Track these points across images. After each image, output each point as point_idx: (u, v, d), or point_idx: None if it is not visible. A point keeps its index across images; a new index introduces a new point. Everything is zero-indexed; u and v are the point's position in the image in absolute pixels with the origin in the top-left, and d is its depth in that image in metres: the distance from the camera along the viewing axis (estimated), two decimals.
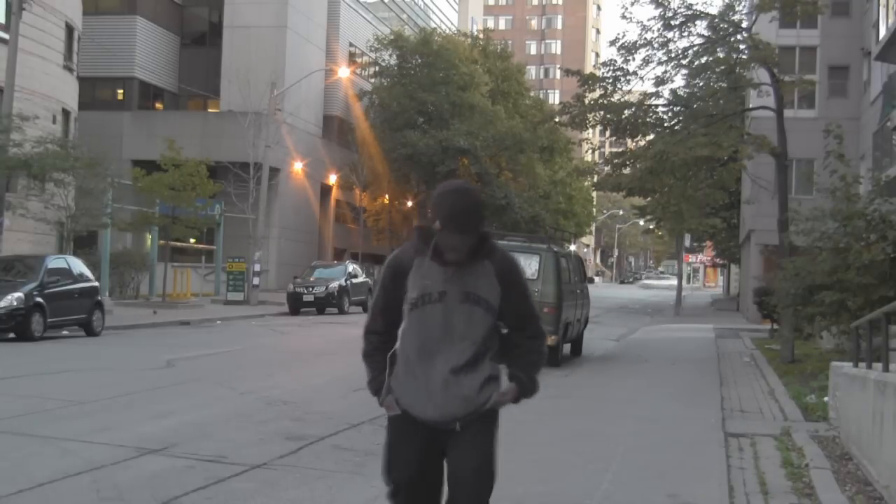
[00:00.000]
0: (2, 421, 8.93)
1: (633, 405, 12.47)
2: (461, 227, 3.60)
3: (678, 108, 25.38)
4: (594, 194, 71.09)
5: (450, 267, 3.71)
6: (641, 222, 69.02)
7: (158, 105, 47.67)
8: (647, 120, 23.76)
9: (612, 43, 23.15)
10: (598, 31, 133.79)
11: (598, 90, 23.10)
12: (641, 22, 56.56)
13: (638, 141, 25.94)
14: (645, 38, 22.22)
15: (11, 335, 18.02)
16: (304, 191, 47.22)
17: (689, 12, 21.88)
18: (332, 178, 49.81)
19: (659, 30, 22.05)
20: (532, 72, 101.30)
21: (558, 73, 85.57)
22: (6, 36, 25.88)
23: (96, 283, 21.64)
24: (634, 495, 7.16)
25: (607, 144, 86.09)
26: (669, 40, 22.20)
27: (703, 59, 23.30)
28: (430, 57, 49.55)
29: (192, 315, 27.23)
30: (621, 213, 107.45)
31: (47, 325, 18.73)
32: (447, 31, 63.30)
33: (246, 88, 38.36)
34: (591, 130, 31.65)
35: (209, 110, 47.15)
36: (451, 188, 3.69)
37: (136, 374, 13.30)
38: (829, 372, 11.54)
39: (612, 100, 23.14)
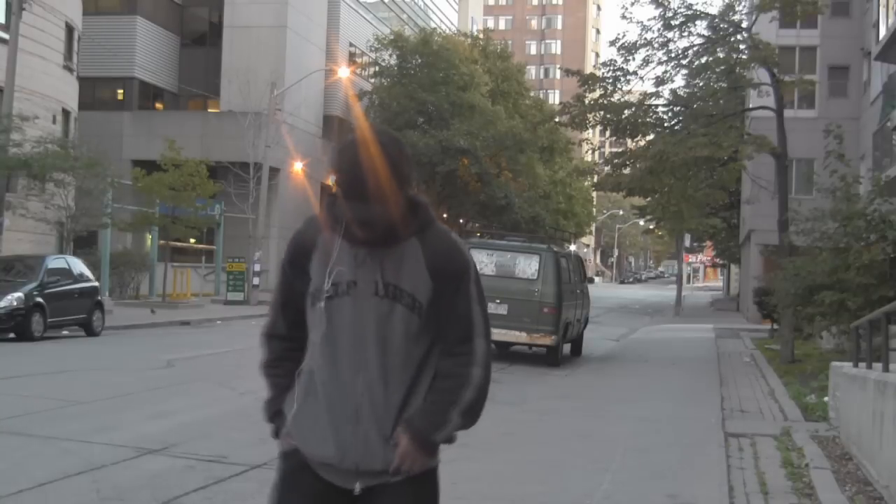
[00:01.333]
0: (2, 421, 8.93)
1: (633, 405, 12.47)
2: (361, 192, 2.55)
3: (678, 108, 25.39)
4: (594, 194, 71.03)
5: (363, 248, 2.70)
6: (641, 222, 69.01)
7: (158, 105, 47.65)
8: (647, 120, 23.77)
9: (612, 43, 23.17)
10: (598, 31, 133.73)
11: (598, 90, 23.11)
12: (641, 22, 56.55)
13: (638, 141, 25.94)
14: (645, 38, 22.25)
15: (11, 335, 18.01)
16: (304, 191, 47.19)
17: (689, 12, 21.89)
18: (332, 179, 49.78)
19: (659, 30, 22.08)
20: (532, 72, 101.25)
21: (558, 73, 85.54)
22: (6, 36, 25.87)
23: (96, 283, 21.64)
24: (634, 495, 7.16)
25: (607, 144, 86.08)
26: (669, 40, 22.23)
27: (703, 59, 23.31)
28: (430, 57, 49.52)
29: (192, 315, 27.22)
30: (621, 213, 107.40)
31: (47, 325, 18.72)
32: (447, 31, 63.28)
33: (246, 88, 38.34)
34: (591, 130, 31.65)
35: (209, 110, 47.11)
36: (352, 139, 2.63)
37: (136, 374, 13.30)
38: (829, 372, 11.54)
39: (612, 100, 23.15)
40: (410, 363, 2.73)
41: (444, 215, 55.73)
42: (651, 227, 54.58)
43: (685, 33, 22.26)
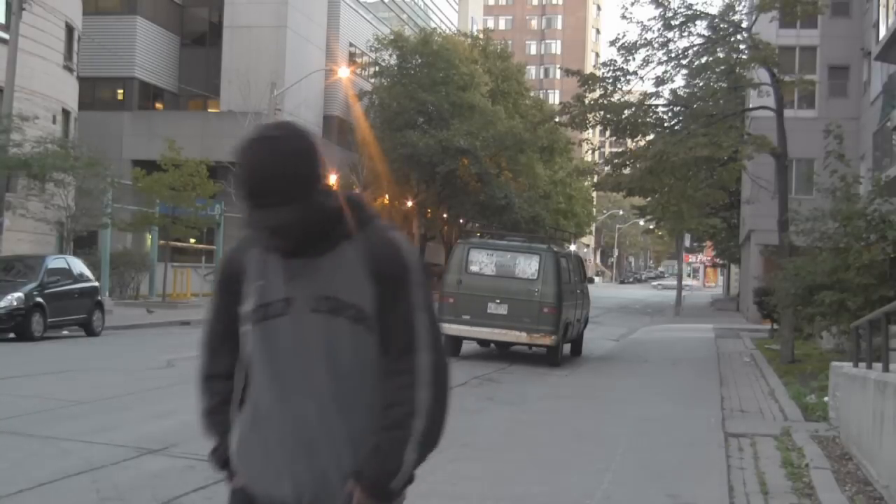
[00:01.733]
0: (2, 421, 8.93)
1: (633, 405, 12.47)
2: (259, 196, 2.24)
3: (678, 108, 25.40)
4: (594, 194, 71.07)
5: (295, 259, 2.40)
6: (641, 222, 69.02)
7: (158, 105, 47.64)
8: (647, 120, 23.78)
9: (612, 43, 23.18)
10: (598, 31, 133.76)
11: (598, 90, 23.12)
12: (641, 22, 56.59)
13: (638, 141, 25.95)
14: (645, 39, 22.26)
15: (11, 335, 18.01)
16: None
17: (690, 12, 21.90)
18: (332, 178, 49.78)
19: (659, 30, 22.09)
20: (532, 72, 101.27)
21: (558, 73, 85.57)
22: (6, 36, 25.88)
23: (96, 283, 21.64)
24: (634, 495, 7.16)
25: (607, 144, 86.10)
26: (669, 40, 22.23)
27: (703, 59, 23.32)
28: (430, 57, 49.52)
29: (192, 315, 27.22)
30: (621, 213, 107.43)
31: (47, 325, 18.72)
32: (447, 31, 63.27)
33: (246, 88, 38.34)
34: (591, 130, 31.65)
35: (209, 110, 47.10)
36: (250, 136, 2.33)
37: (137, 374, 13.29)
38: (829, 372, 11.54)
39: (612, 100, 23.15)
40: (369, 384, 2.40)
41: (445, 215, 55.80)
42: (651, 227, 54.61)
43: (685, 33, 22.28)
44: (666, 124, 25.27)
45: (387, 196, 50.85)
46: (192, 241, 39.59)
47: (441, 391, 2.40)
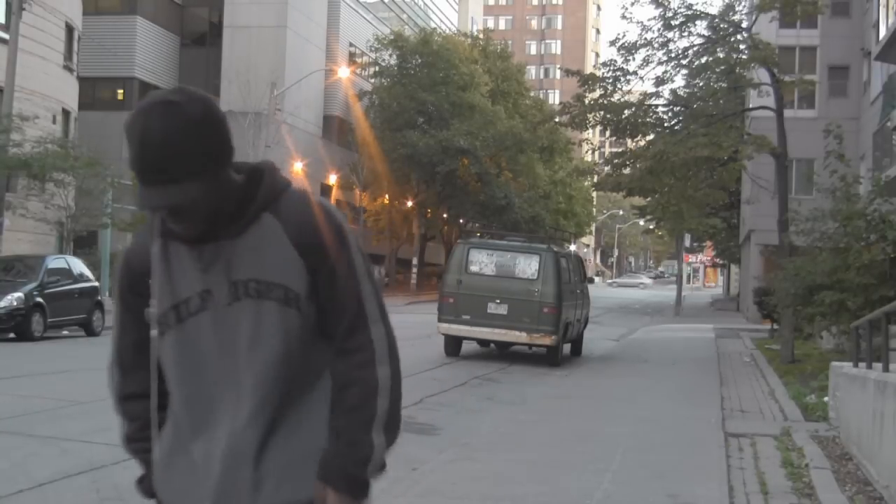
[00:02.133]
0: (2, 421, 8.93)
1: (633, 405, 12.47)
2: (153, 172, 1.92)
3: (678, 108, 25.41)
4: (594, 194, 71.08)
5: (204, 245, 2.08)
6: (641, 222, 69.02)
7: None
8: (647, 120, 23.80)
9: (612, 43, 23.19)
10: (598, 31, 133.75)
11: (598, 90, 23.13)
12: (641, 22, 56.62)
13: (638, 141, 25.96)
14: (645, 39, 22.27)
15: (11, 335, 18.02)
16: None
17: (689, 12, 21.91)
18: (332, 178, 49.83)
19: (659, 30, 22.10)
20: (532, 72, 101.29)
21: (558, 73, 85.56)
22: (6, 36, 25.88)
23: (96, 283, 21.64)
24: (634, 495, 7.16)
25: (607, 144, 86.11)
26: (669, 40, 22.24)
27: (703, 59, 23.34)
28: (430, 57, 49.54)
29: None
30: (621, 213, 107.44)
31: (47, 325, 18.72)
32: (447, 31, 63.29)
33: (246, 88, 38.36)
34: (591, 130, 31.66)
35: None
36: (143, 103, 1.97)
37: None
38: (829, 372, 11.54)
39: (612, 100, 23.17)
40: (306, 375, 2.12)
41: (445, 215, 55.82)
42: (651, 227, 54.61)
43: (685, 33, 22.29)
44: (666, 124, 25.29)
45: (387, 196, 50.87)
46: None
47: (396, 365, 2.18)
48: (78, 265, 21.11)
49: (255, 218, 2.10)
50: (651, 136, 24.92)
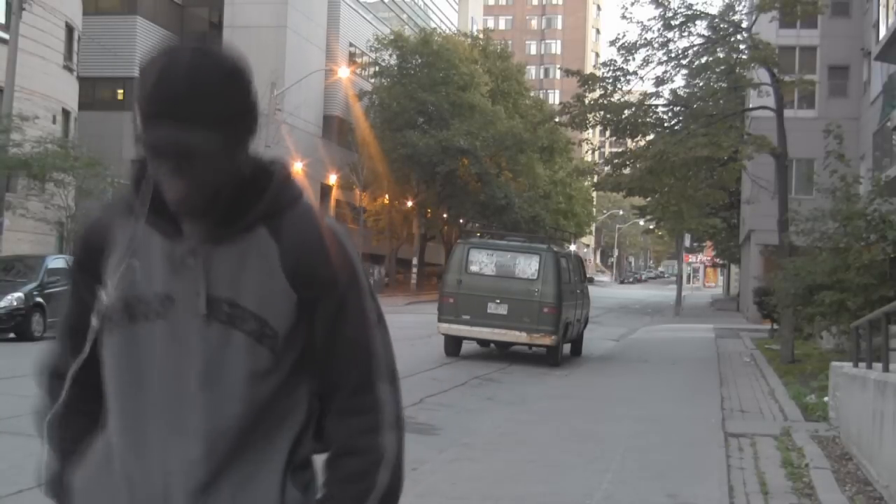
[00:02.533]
0: (2, 421, 8.94)
1: (633, 405, 12.47)
2: (173, 103, 1.59)
3: (678, 108, 25.40)
4: (594, 194, 71.08)
5: (183, 240, 1.74)
6: (641, 222, 69.04)
7: None
8: (647, 120, 23.80)
9: (612, 43, 23.20)
10: (598, 31, 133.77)
11: (598, 90, 23.14)
12: (641, 22, 56.63)
13: (638, 141, 25.96)
14: (645, 39, 22.29)
15: (11, 335, 18.01)
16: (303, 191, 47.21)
17: (689, 12, 21.92)
18: (332, 178, 49.84)
19: (659, 30, 22.11)
20: (532, 72, 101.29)
21: (558, 73, 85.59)
22: (6, 36, 25.89)
23: None
24: (634, 495, 7.16)
25: (607, 144, 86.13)
26: (669, 40, 22.26)
27: (703, 59, 23.33)
28: (430, 57, 49.56)
29: None
30: (621, 213, 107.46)
31: (47, 325, 18.71)
32: (447, 31, 63.29)
33: None
34: (591, 130, 31.67)
35: None
36: (165, 45, 1.66)
37: None
38: (829, 372, 11.55)
39: (612, 100, 23.17)
40: (265, 423, 1.75)
41: (445, 215, 55.81)
42: (651, 227, 54.62)
43: (685, 33, 22.30)
44: (666, 124, 25.27)
45: (387, 196, 50.88)
46: None
47: (403, 432, 1.90)
48: None
49: (249, 228, 1.74)
50: (651, 136, 24.92)
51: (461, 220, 54.72)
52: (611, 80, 23.05)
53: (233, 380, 1.73)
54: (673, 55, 22.61)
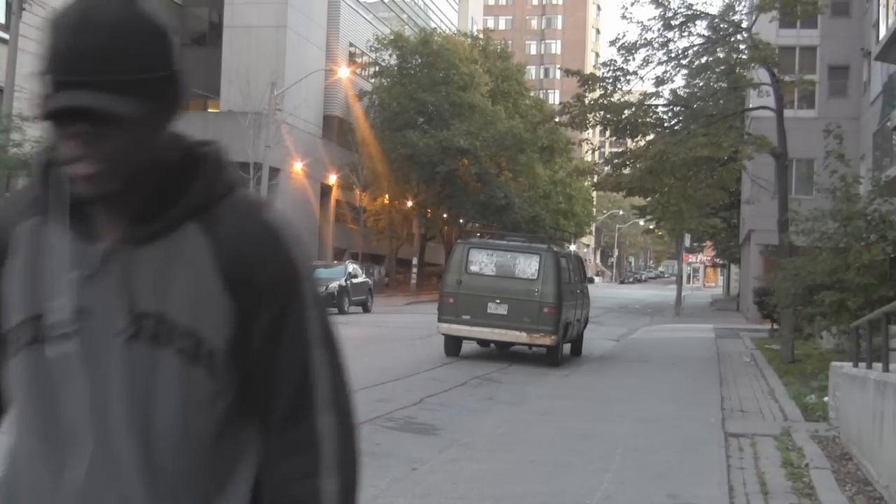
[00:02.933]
0: None
1: (633, 405, 12.47)
2: (72, 64, 1.36)
3: (678, 108, 25.41)
4: (594, 194, 71.11)
5: (99, 242, 1.46)
6: (641, 222, 69.03)
7: None
8: (647, 120, 23.81)
9: (612, 43, 23.20)
10: (598, 31, 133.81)
11: (598, 90, 23.14)
12: (641, 22, 56.64)
13: (638, 141, 25.96)
14: (645, 39, 22.29)
15: None
16: (304, 191, 47.23)
17: (690, 12, 21.92)
18: (332, 178, 49.85)
19: (659, 30, 22.11)
20: (532, 72, 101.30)
21: (558, 73, 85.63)
22: (6, 36, 25.90)
23: None
24: (634, 495, 7.16)
25: (607, 144, 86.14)
26: (669, 40, 22.26)
27: (703, 59, 23.35)
28: (430, 57, 49.56)
29: None
30: (621, 213, 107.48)
31: None
32: (447, 31, 63.29)
33: (246, 88, 38.36)
34: (591, 130, 31.67)
35: (209, 110, 47.16)
36: None
37: None
38: (829, 372, 11.55)
39: (612, 100, 23.17)
40: (213, 467, 1.47)
41: (445, 215, 55.82)
42: (651, 227, 54.62)
43: (685, 33, 22.30)
44: (666, 124, 25.28)
45: (387, 196, 50.90)
46: None
47: (352, 475, 1.51)
48: None
49: (176, 224, 1.46)
50: (651, 136, 24.93)
51: (461, 220, 54.73)
52: (611, 80, 23.05)
53: (165, 412, 1.42)
54: (673, 55, 22.62)
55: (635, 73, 22.81)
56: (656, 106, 24.14)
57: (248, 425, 1.52)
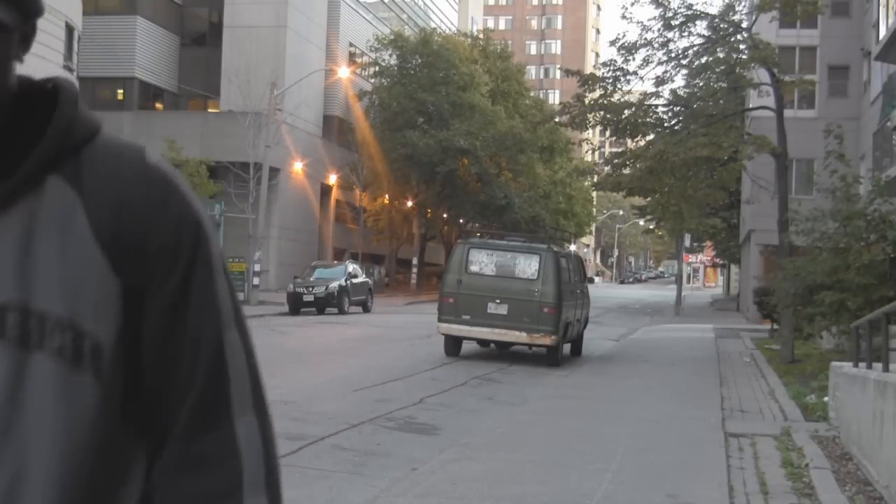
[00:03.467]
0: None
1: (633, 405, 12.47)
2: None
3: (678, 108, 25.40)
4: (594, 194, 71.11)
5: None
6: (641, 222, 69.07)
7: (158, 105, 47.69)
8: (647, 120, 23.81)
9: (612, 43, 23.20)
10: (598, 31, 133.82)
11: (598, 90, 23.14)
12: (641, 22, 56.67)
13: (638, 141, 25.97)
14: (645, 39, 22.29)
15: None
16: (304, 191, 47.24)
17: (690, 12, 21.92)
18: (332, 178, 49.85)
19: (659, 30, 22.11)
20: (532, 72, 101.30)
21: (558, 73, 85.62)
22: None
23: None
24: (634, 495, 7.16)
25: (607, 144, 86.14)
26: (669, 40, 22.26)
27: (703, 59, 23.35)
28: (430, 57, 49.57)
29: None
30: (621, 213, 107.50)
31: None
32: (447, 31, 63.30)
33: (246, 88, 38.35)
34: (591, 130, 31.68)
35: (209, 110, 47.15)
36: None
37: None
38: (829, 372, 11.55)
39: (612, 100, 23.17)
40: (85, 487, 1.09)
41: (445, 215, 55.83)
42: (651, 227, 54.65)
43: (685, 33, 22.30)
44: (666, 124, 25.27)
45: (387, 196, 50.91)
46: None
47: (278, 494, 1.19)
48: None
49: (33, 181, 1.09)
50: (651, 136, 24.93)
51: (461, 220, 54.73)
52: (611, 80, 23.06)
53: (41, 432, 1.06)
54: (673, 55, 22.62)
55: (635, 73, 22.81)
56: (656, 106, 24.14)
57: (133, 435, 1.15)
